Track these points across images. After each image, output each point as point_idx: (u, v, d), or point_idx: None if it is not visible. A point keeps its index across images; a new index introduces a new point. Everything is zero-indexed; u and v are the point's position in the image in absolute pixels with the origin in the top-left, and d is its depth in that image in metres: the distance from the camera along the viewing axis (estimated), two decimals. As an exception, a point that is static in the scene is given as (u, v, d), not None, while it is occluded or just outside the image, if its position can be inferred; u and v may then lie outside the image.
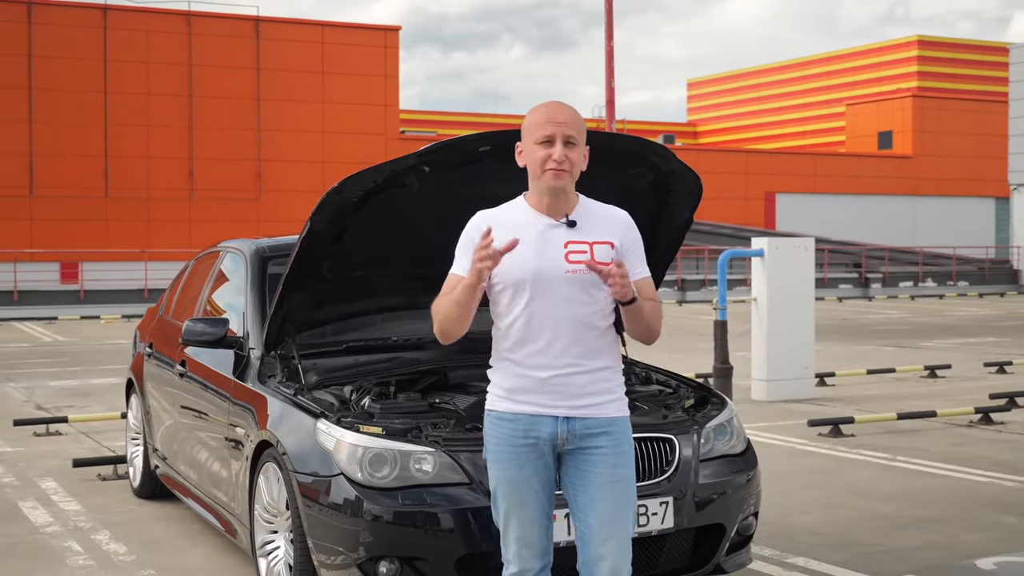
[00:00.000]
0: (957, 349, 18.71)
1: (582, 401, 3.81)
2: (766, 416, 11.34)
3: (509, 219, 3.84)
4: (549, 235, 3.80)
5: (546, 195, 3.81)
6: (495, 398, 3.89)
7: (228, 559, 6.25)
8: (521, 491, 3.83)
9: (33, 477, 8.51)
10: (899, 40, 62.98)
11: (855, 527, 6.86)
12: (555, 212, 3.82)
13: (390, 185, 5.10)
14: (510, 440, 3.83)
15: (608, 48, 17.11)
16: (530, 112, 3.88)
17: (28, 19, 36.07)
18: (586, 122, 3.91)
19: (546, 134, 3.77)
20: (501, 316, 3.85)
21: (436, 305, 3.83)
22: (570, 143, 3.78)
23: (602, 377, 3.85)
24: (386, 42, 41.02)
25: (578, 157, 3.81)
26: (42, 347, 20.96)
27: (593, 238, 3.81)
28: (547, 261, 3.77)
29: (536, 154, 3.79)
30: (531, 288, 3.77)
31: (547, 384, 3.79)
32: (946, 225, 51.46)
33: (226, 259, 6.88)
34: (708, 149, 56.92)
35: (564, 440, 3.81)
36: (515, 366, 3.83)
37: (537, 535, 3.86)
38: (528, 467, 3.82)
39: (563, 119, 3.79)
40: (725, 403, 5.44)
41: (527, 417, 3.81)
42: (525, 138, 3.85)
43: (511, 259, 3.73)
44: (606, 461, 3.82)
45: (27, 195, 35.79)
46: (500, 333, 3.87)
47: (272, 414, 5.29)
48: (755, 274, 12.65)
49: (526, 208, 3.87)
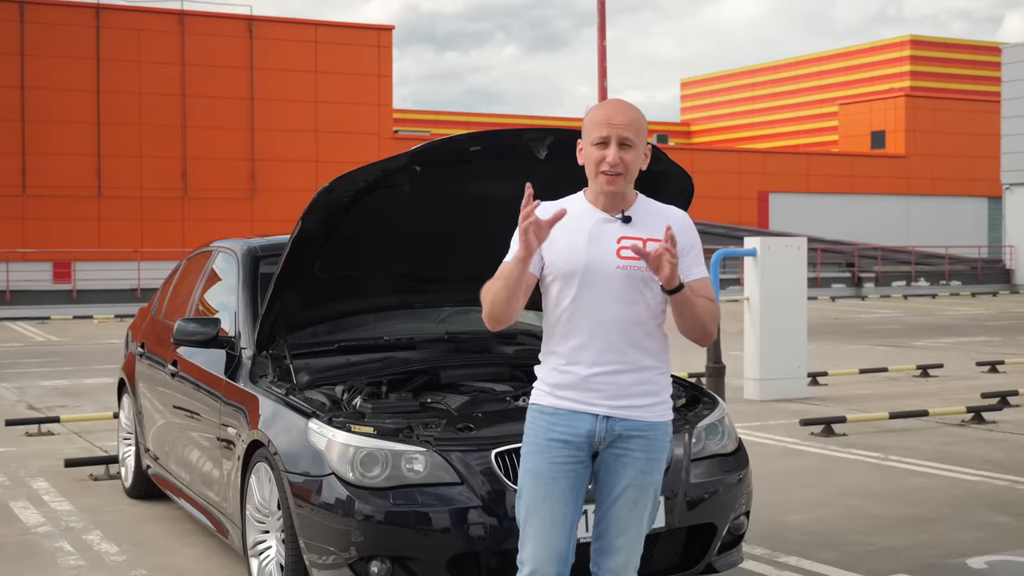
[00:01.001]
0: (949, 348, 18.74)
1: (624, 401, 3.75)
2: (758, 415, 11.35)
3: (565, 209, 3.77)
4: (603, 229, 3.74)
5: (602, 195, 3.77)
6: (540, 393, 3.83)
7: (220, 559, 6.24)
8: (547, 487, 3.76)
9: (25, 477, 8.49)
10: (892, 40, 63.04)
11: (847, 526, 6.87)
12: (611, 209, 3.77)
13: (382, 185, 5.10)
14: (546, 433, 3.77)
15: (601, 47, 17.11)
16: (591, 110, 3.82)
17: (21, 18, 36.01)
18: (580, 122, 3.86)
19: (602, 136, 3.71)
20: (550, 309, 3.79)
21: (486, 288, 3.75)
22: (626, 145, 3.71)
23: (647, 378, 3.78)
24: (379, 41, 41.00)
25: (634, 159, 3.74)
26: (34, 347, 20.92)
27: (648, 235, 3.74)
28: (598, 255, 3.71)
29: (592, 155, 3.74)
30: (580, 281, 3.71)
31: (589, 381, 3.73)
32: (939, 225, 51.55)
33: (218, 259, 6.87)
34: (701, 148, 56.94)
35: (602, 439, 3.76)
36: (560, 360, 3.77)
37: (556, 536, 3.77)
38: (557, 463, 3.75)
39: (620, 121, 3.71)
40: (716, 402, 5.45)
41: (567, 413, 3.75)
42: (584, 137, 3.79)
43: (563, 250, 3.70)
44: (636, 465, 3.77)
45: (19, 194, 35.74)
46: (549, 326, 3.82)
47: (264, 414, 5.28)
48: (748, 273, 12.66)
49: (584, 202, 3.81)
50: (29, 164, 35.83)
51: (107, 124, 36.84)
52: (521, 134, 4.88)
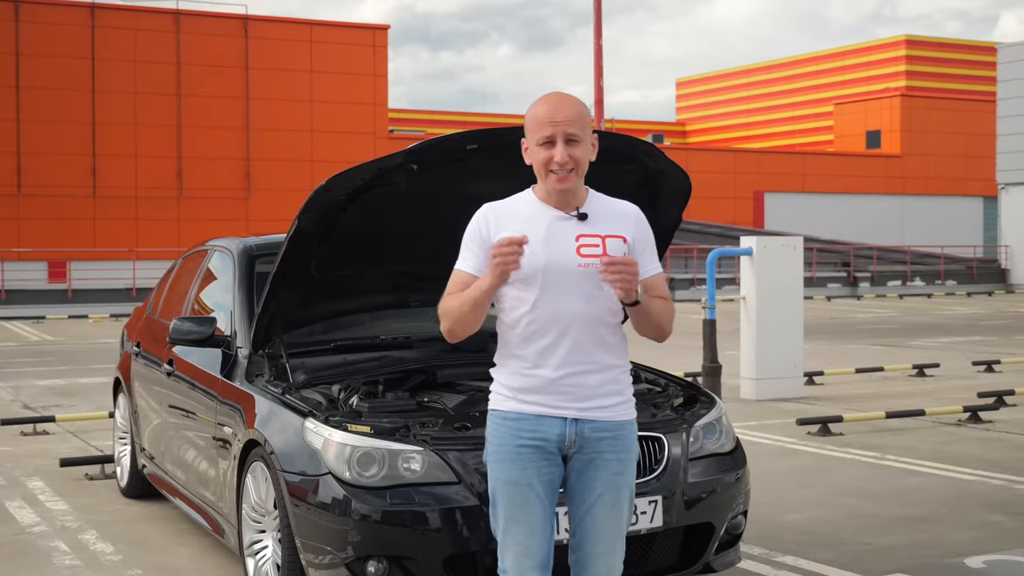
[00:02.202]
0: (945, 348, 18.75)
1: (591, 403, 3.67)
2: (755, 415, 11.34)
3: (517, 211, 3.71)
4: (559, 228, 3.65)
5: (554, 193, 3.68)
6: (500, 398, 3.73)
7: (216, 559, 6.23)
8: (523, 495, 3.66)
9: (20, 477, 8.47)
10: (887, 40, 63.11)
11: (844, 526, 6.86)
12: (564, 206, 3.68)
13: (378, 183, 5.08)
14: (514, 440, 3.66)
15: (597, 46, 17.07)
16: (532, 107, 3.71)
17: (16, 17, 35.96)
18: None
19: (546, 135, 3.62)
20: (507, 312, 3.68)
21: (445, 306, 3.66)
22: (573, 141, 3.62)
23: (612, 378, 3.71)
24: (375, 41, 40.99)
25: (583, 153, 3.65)
26: (29, 346, 20.89)
27: (605, 232, 3.67)
28: (558, 255, 3.62)
29: (539, 155, 3.65)
30: (541, 283, 3.61)
31: (556, 384, 3.64)
32: (934, 224, 51.60)
33: (214, 258, 6.86)
34: (697, 148, 56.96)
35: (572, 443, 3.68)
36: (522, 364, 3.66)
37: (537, 544, 3.69)
38: (531, 469, 3.66)
39: (563, 117, 3.61)
40: (714, 402, 5.44)
41: (533, 418, 3.66)
42: (528, 136, 3.71)
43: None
44: (608, 467, 3.70)
45: (15, 194, 35.70)
46: (506, 329, 3.70)
47: (260, 413, 5.27)
48: (744, 273, 12.65)
49: (535, 201, 3.72)
50: (24, 164, 35.78)
51: (102, 124, 36.80)
52: (517, 132, 4.86)
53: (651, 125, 69.56)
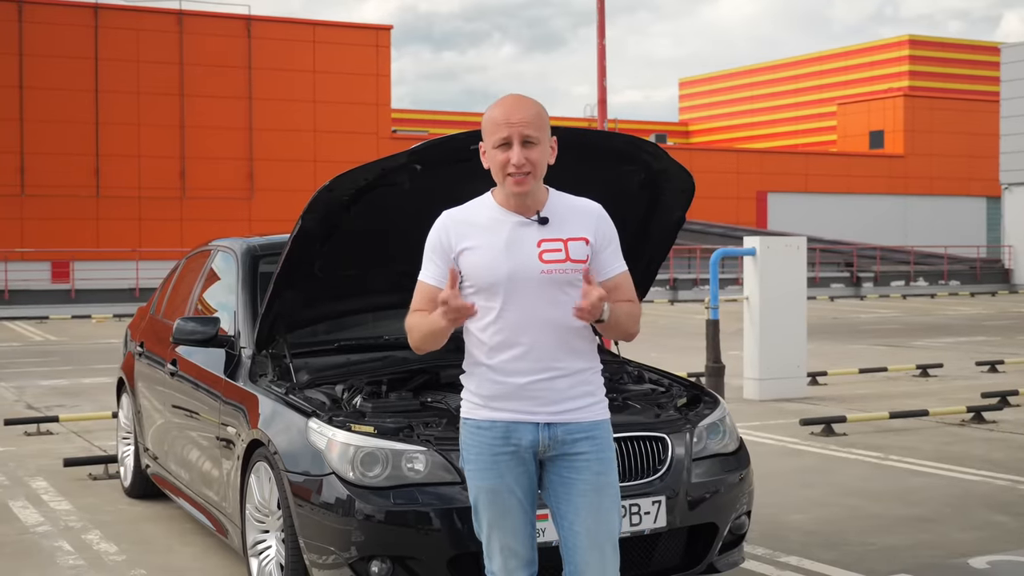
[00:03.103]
0: (949, 348, 18.73)
1: (563, 406, 3.64)
2: (758, 415, 11.34)
3: (477, 218, 3.67)
4: (520, 234, 3.61)
5: (512, 197, 3.63)
6: (471, 406, 3.70)
7: (219, 559, 6.23)
8: (504, 500, 3.66)
9: (23, 476, 8.48)
10: (890, 40, 63.06)
11: (847, 526, 6.86)
12: (524, 210, 3.63)
13: (381, 183, 5.08)
14: (490, 449, 3.65)
15: (600, 46, 17.05)
16: (488, 110, 3.64)
17: (19, 18, 35.99)
18: (578, 121, 3.79)
19: (502, 137, 3.56)
20: (474, 320, 3.63)
21: (410, 324, 3.67)
22: (529, 143, 3.56)
23: (583, 380, 3.68)
24: (377, 41, 41.00)
25: (540, 155, 3.59)
26: (33, 346, 20.90)
27: (567, 234, 3.62)
28: (520, 262, 3.58)
29: (496, 158, 3.58)
30: (505, 291, 3.58)
31: (525, 390, 3.61)
32: (937, 224, 51.57)
33: (217, 258, 6.86)
34: (700, 148, 56.94)
35: (547, 447, 3.64)
36: (492, 372, 3.63)
37: (522, 544, 3.70)
38: (509, 475, 3.65)
39: (519, 119, 3.55)
40: (718, 402, 5.43)
41: (506, 424, 3.63)
42: (485, 139, 3.64)
43: (482, 261, 3.60)
44: (589, 468, 3.66)
45: (18, 194, 35.72)
46: (473, 338, 3.67)
47: (263, 413, 5.27)
48: (747, 273, 12.65)
49: (494, 206, 3.67)
50: (27, 164, 35.80)
51: (105, 124, 36.82)
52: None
53: (654, 125, 69.53)
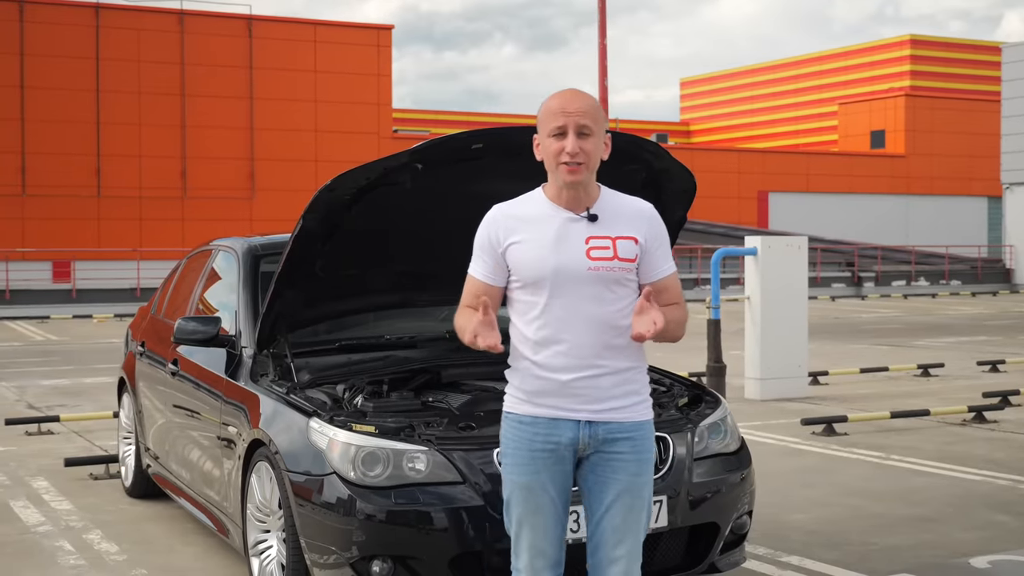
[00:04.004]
0: (950, 348, 18.72)
1: (606, 404, 3.63)
2: (759, 415, 11.34)
3: (526, 213, 3.67)
4: (569, 230, 3.61)
5: (564, 189, 3.64)
6: (514, 401, 3.70)
7: (220, 558, 6.23)
8: (537, 498, 3.65)
9: (24, 476, 8.48)
10: (891, 39, 63.05)
11: (849, 526, 6.85)
12: (575, 205, 3.63)
13: (383, 183, 5.08)
14: (529, 444, 3.64)
15: (601, 46, 17.05)
16: (544, 101, 3.66)
17: (20, 17, 35.99)
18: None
19: (558, 125, 3.58)
20: (519, 315, 3.66)
21: (458, 324, 3.67)
22: (584, 134, 3.58)
23: (627, 379, 3.66)
24: (379, 41, 41.00)
25: (595, 148, 3.61)
26: (34, 346, 20.90)
27: (616, 232, 3.62)
28: (567, 258, 3.58)
29: (550, 147, 3.60)
30: (551, 287, 3.58)
31: (569, 387, 3.60)
32: (939, 224, 51.54)
33: (218, 257, 6.86)
34: (701, 148, 56.92)
35: (586, 445, 3.64)
36: (535, 368, 3.63)
37: (551, 544, 3.69)
38: (545, 473, 3.64)
39: (576, 108, 3.58)
40: (719, 402, 5.43)
41: (547, 421, 3.63)
42: (540, 129, 3.66)
43: (529, 256, 3.60)
44: (627, 468, 3.66)
45: (19, 194, 35.73)
46: (518, 333, 3.67)
47: (264, 413, 5.27)
48: (748, 273, 12.64)
49: (544, 201, 3.67)
50: (28, 164, 35.80)
51: (106, 124, 36.82)
52: (523, 131, 4.86)
53: (655, 125, 69.50)
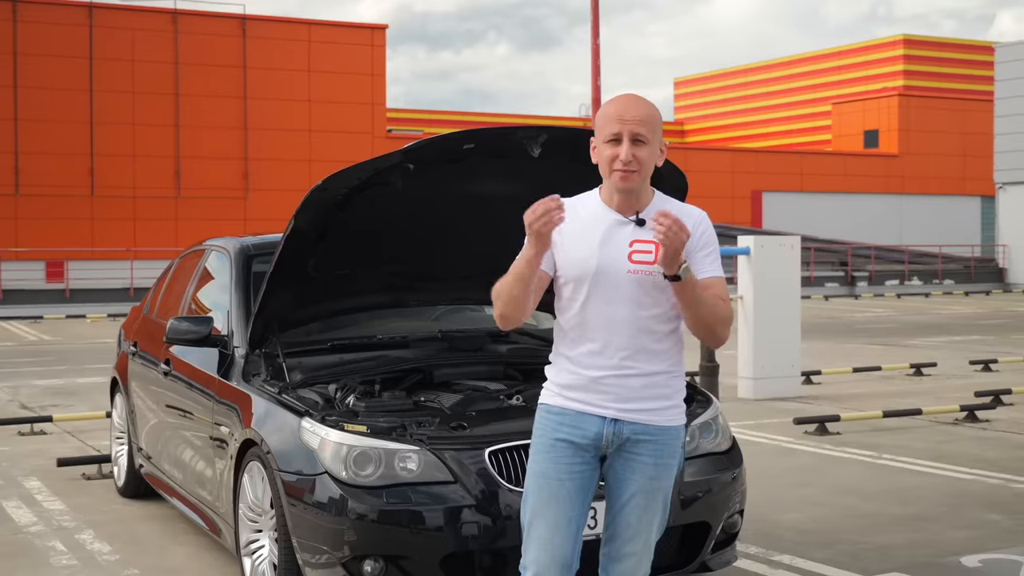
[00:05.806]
0: (943, 347, 18.75)
1: (633, 404, 3.66)
2: (752, 414, 11.35)
3: (581, 210, 3.69)
4: (615, 232, 3.64)
5: (616, 193, 3.67)
6: (548, 393, 3.76)
7: (212, 558, 6.23)
8: (552, 487, 3.68)
9: (17, 476, 8.47)
10: (885, 39, 63.12)
11: (841, 525, 6.86)
12: (625, 209, 3.66)
13: (375, 183, 5.08)
14: (552, 432, 3.70)
15: (595, 45, 17.08)
16: (603, 106, 3.69)
17: (13, 17, 35.95)
18: (573, 121, 3.80)
19: (614, 132, 3.59)
20: (562, 311, 3.71)
21: (496, 289, 3.66)
22: (639, 141, 3.59)
23: (658, 382, 3.68)
24: (373, 40, 41.00)
25: (649, 155, 3.62)
26: (27, 346, 20.88)
27: None
28: (609, 258, 3.62)
29: (605, 153, 3.62)
30: (590, 285, 3.62)
31: (598, 383, 3.65)
32: (932, 224, 51.61)
33: (211, 257, 6.86)
34: (695, 148, 56.95)
35: (609, 442, 3.67)
36: (570, 363, 3.70)
37: (560, 540, 3.68)
38: (563, 464, 3.68)
39: (633, 116, 3.59)
40: (711, 401, 5.44)
41: (575, 414, 3.67)
42: (596, 134, 3.68)
43: (575, 254, 3.63)
44: (644, 471, 3.69)
45: (12, 193, 35.69)
46: (559, 329, 3.74)
47: (256, 413, 5.27)
48: (741, 272, 12.65)
49: (598, 202, 3.71)
50: (22, 163, 35.77)
51: (100, 123, 36.79)
52: (515, 132, 4.86)
53: (649, 124, 69.40)
